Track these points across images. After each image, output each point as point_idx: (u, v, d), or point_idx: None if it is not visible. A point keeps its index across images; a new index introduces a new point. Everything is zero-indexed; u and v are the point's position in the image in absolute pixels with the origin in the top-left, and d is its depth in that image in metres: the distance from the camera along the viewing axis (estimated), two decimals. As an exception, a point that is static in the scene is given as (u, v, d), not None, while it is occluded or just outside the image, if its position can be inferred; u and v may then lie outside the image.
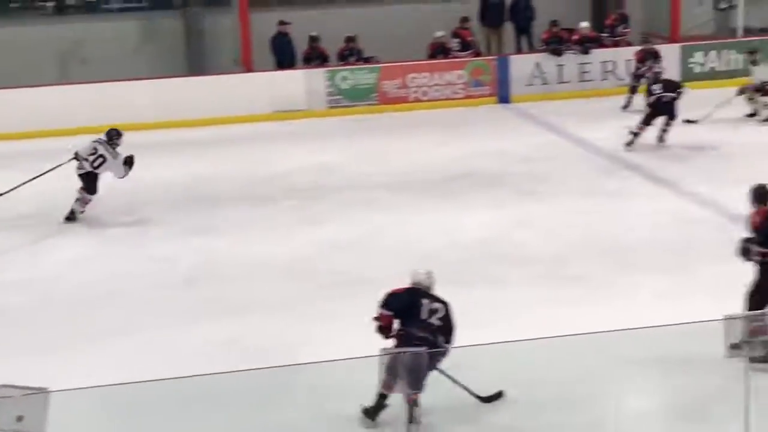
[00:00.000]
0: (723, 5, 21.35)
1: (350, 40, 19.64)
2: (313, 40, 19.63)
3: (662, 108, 15.75)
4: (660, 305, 9.98)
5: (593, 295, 10.46)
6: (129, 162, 13.29)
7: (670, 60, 19.83)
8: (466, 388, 7.85)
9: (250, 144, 17.22)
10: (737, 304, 8.64)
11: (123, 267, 11.78)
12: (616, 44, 20.20)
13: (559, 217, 12.93)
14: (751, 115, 17.42)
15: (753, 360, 7.26)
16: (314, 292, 10.87)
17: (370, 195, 14.07)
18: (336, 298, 10.62)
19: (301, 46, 19.68)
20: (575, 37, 19.75)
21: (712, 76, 20.01)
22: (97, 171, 13.30)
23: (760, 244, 8.80)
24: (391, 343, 7.82)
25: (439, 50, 19.76)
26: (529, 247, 11.97)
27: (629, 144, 15.77)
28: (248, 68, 19.45)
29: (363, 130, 17.90)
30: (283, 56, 19.71)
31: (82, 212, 13.39)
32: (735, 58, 20.10)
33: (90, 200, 13.41)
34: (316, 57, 19.64)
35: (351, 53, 19.63)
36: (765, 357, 7.65)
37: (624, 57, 19.75)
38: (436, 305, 8.00)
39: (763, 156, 15.05)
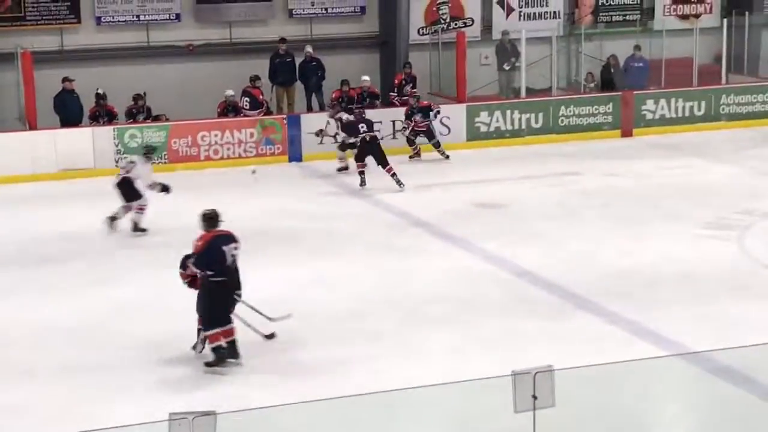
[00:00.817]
0: (506, 66, 22.08)
1: (138, 97, 19.37)
2: (100, 97, 19.26)
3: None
4: (449, 360, 10.13)
5: (387, 350, 10.54)
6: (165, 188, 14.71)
7: (457, 120, 20.39)
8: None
9: (35, 203, 16.69)
10: (525, 359, 8.82)
11: None
12: (404, 104, 20.58)
13: (352, 274, 13.00)
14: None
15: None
16: (111, 354, 10.56)
17: (161, 255, 13.80)
18: (130, 361, 10.35)
19: (87, 104, 19.27)
20: (355, 92, 20.04)
21: (498, 135, 20.62)
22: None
23: (196, 266, 10.08)
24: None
25: (229, 108, 19.69)
26: (323, 303, 11.97)
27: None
28: (32, 125, 18.90)
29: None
30: (69, 113, 19.26)
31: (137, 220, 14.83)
32: (518, 118, 20.77)
33: (132, 207, 14.76)
34: (103, 115, 19.26)
35: (140, 111, 19.35)
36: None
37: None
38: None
39: (545, 215, 15.59)
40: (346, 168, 18.55)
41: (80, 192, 17.57)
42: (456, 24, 22.67)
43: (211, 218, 10.30)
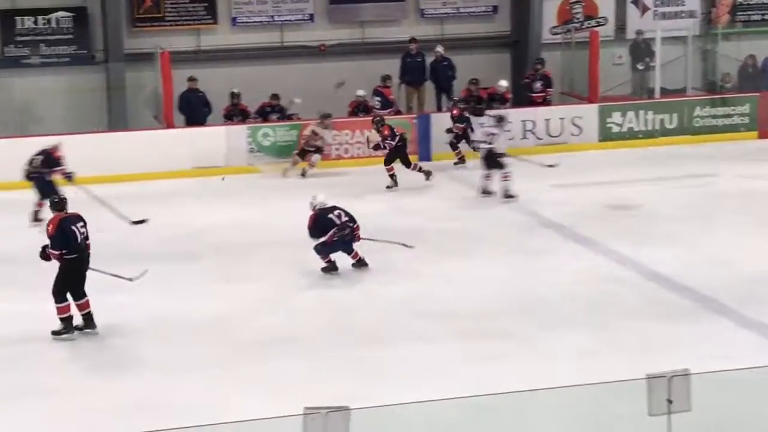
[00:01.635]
0: (640, 66, 21.76)
1: (273, 97, 19.66)
2: (234, 96, 19.62)
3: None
4: (581, 362, 10.03)
5: (516, 352, 10.49)
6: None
7: (589, 120, 20.18)
8: None
9: (170, 200, 17.06)
10: (655, 361, 8.68)
11: (37, 324, 11.51)
12: (532, 101, 20.48)
13: (481, 274, 12.98)
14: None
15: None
16: (231, 351, 10.73)
17: (293, 253, 13.97)
18: (253, 357, 10.50)
19: (220, 103, 19.63)
20: (486, 92, 19.97)
21: (631, 136, 20.34)
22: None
23: (52, 248, 10.88)
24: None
25: (360, 108, 19.84)
26: (452, 303, 11.97)
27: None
28: (170, 124, 19.35)
29: (284, 187, 17.85)
30: (193, 112, 19.64)
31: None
32: (652, 119, 20.46)
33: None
34: (237, 113, 19.61)
35: (272, 110, 19.63)
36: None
37: (543, 116, 20.05)
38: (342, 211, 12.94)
39: (679, 217, 15.33)
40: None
41: (213, 189, 17.92)
42: (589, 23, 22.41)
43: (58, 202, 11.30)
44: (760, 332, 10.92)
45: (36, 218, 15.33)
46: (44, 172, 15.46)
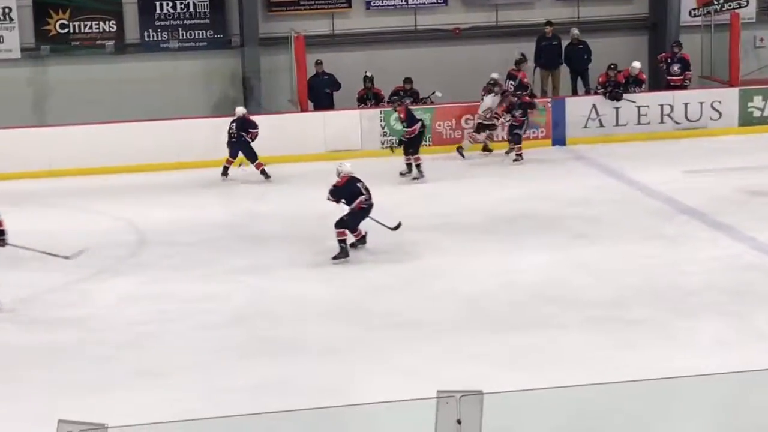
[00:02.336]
0: (784, 48, 21.17)
1: (407, 81, 19.66)
2: (368, 80, 19.68)
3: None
4: (720, 352, 9.80)
5: (652, 340, 10.30)
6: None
7: (729, 105, 19.68)
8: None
9: (302, 183, 17.21)
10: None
11: (171, 305, 11.76)
12: (669, 84, 20.05)
13: (615, 261, 12.78)
14: None
15: None
16: (365, 333, 10.78)
17: (422, 236, 13.97)
18: (387, 341, 10.53)
19: (353, 87, 19.71)
20: (623, 75, 19.60)
21: (773, 120, 19.80)
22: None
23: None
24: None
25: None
26: (586, 290, 11.81)
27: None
28: (303, 107, 19.51)
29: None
30: (317, 96, 19.75)
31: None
32: (795, 103, 19.86)
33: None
34: (370, 97, 19.68)
35: (406, 94, 19.64)
36: None
37: (681, 100, 19.61)
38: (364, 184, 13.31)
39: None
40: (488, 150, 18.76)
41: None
42: (730, 5, 21.81)
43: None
44: None
45: (225, 174, 17.62)
46: (242, 135, 17.42)
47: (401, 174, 17.31)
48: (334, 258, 13.03)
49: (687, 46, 20.72)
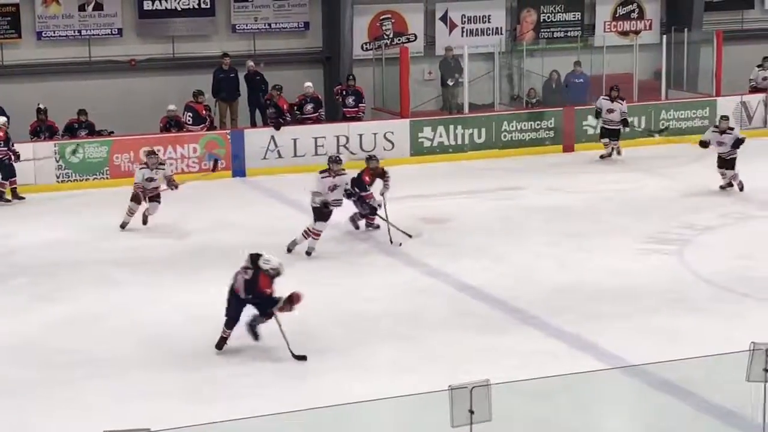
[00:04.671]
0: (450, 82, 22.19)
1: (81, 113, 19.23)
2: (40, 112, 19.09)
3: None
4: (397, 375, 10.17)
5: (336, 368, 10.62)
6: None
7: (401, 135, 20.47)
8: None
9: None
10: (464, 373, 8.88)
11: None
12: (344, 115, 20.66)
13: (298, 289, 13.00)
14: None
15: None
16: (45, 373, 10.47)
17: (105, 271, 13.72)
18: (70, 380, 10.27)
19: (28, 119, 19.08)
20: (284, 105, 20.01)
21: (441, 150, 20.72)
22: None
23: None
24: None
25: (171, 123, 19.61)
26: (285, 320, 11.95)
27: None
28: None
29: (94, 205, 17.47)
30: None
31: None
32: (461, 133, 20.89)
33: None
34: (44, 130, 19.09)
35: (80, 126, 19.20)
36: None
37: (356, 131, 20.22)
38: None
39: (488, 229, 15.70)
40: None
41: (20, 208, 17.41)
42: (399, 40, 22.76)
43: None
44: (567, 341, 11.28)
45: None
46: None
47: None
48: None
49: (360, 79, 21.41)
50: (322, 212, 14.57)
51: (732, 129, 17.83)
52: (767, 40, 24.46)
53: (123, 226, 15.80)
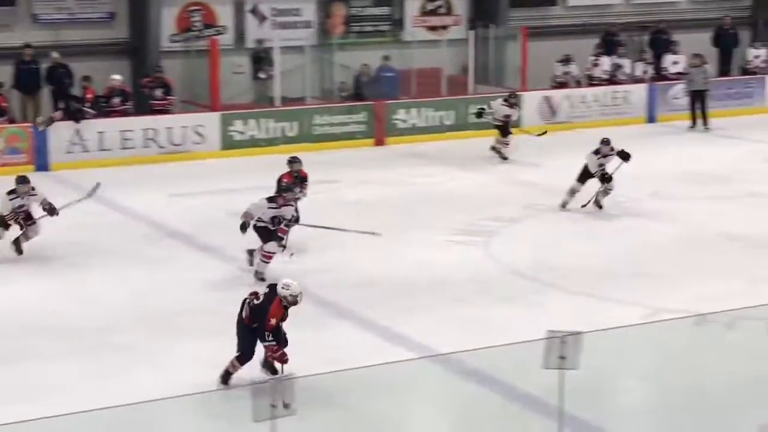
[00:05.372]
0: (262, 75, 22.05)
1: None
2: None
3: None
4: (206, 370, 10.04)
5: (141, 365, 10.40)
6: None
7: (211, 129, 20.25)
8: None
9: None
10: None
11: None
12: (152, 108, 20.28)
13: (104, 287, 12.74)
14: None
15: None
16: None
17: None
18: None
19: None
20: (89, 95, 19.56)
21: (252, 143, 20.59)
22: None
23: None
24: None
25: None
26: (75, 318, 11.65)
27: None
28: None
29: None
30: None
31: None
32: (273, 127, 20.80)
33: None
34: None
35: None
36: None
37: (165, 125, 19.90)
38: None
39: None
40: None
41: None
42: (209, 31, 22.48)
43: None
44: (379, 334, 11.37)
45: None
46: None
47: None
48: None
49: (169, 71, 21.07)
50: (269, 231, 13.12)
51: (612, 150, 16.17)
52: (570, 36, 25.18)
53: None
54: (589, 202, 16.11)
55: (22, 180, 14.09)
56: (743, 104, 24.65)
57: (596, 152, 16.11)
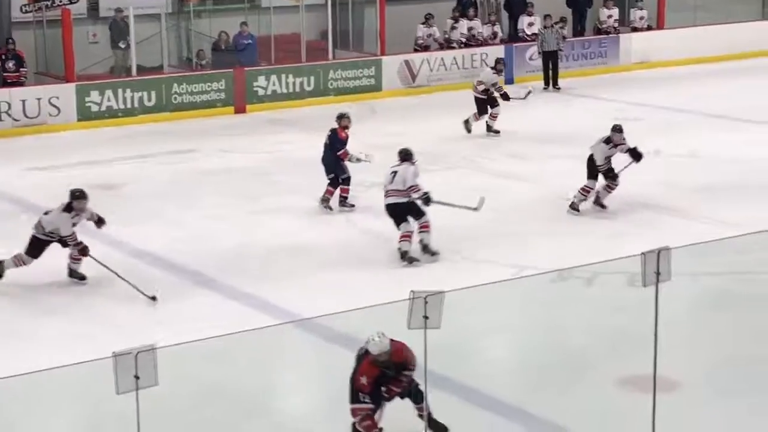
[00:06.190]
0: (122, 45, 21.60)
1: None
2: None
3: None
4: (71, 346, 9.92)
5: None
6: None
7: (67, 100, 19.83)
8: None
9: None
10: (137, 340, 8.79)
11: None
12: (4, 81, 19.78)
13: None
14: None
15: None
16: None
17: None
18: None
19: None
20: None
21: (110, 114, 20.24)
22: None
23: None
24: None
25: None
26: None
27: None
28: None
29: None
30: None
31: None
32: (131, 97, 20.46)
33: None
34: None
35: None
36: None
37: (19, 97, 19.44)
38: None
39: (162, 194, 15.54)
40: None
41: None
42: (61, 1, 21.94)
43: None
44: (244, 302, 11.37)
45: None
46: None
47: None
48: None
49: (21, 42, 20.54)
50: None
51: (624, 141, 14.30)
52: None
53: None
54: (573, 200, 14.35)
55: (82, 196, 12.10)
56: (598, 63, 25.21)
57: (606, 141, 14.17)
